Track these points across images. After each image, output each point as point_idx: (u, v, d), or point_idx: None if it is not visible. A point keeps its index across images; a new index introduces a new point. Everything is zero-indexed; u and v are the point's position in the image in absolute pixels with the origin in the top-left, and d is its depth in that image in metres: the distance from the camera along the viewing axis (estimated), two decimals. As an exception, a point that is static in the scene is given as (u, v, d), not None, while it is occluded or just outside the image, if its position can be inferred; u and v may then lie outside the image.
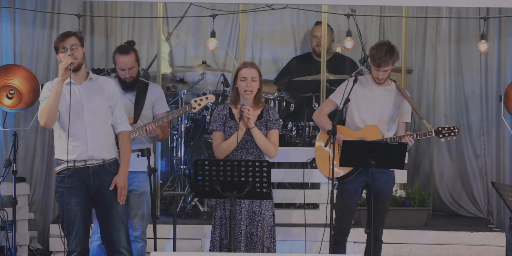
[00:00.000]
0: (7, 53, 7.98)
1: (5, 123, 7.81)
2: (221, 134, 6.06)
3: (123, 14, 8.70)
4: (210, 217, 7.66)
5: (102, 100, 5.78)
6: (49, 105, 5.60)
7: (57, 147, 5.79)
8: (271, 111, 6.10)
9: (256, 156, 6.01)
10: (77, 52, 5.69)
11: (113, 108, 5.83)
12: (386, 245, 6.95)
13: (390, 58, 6.21)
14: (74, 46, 5.69)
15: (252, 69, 6.02)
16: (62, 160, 5.72)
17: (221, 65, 9.10)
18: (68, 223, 5.71)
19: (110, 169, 5.78)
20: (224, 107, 6.13)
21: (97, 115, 5.74)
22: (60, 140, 5.74)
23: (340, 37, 8.80)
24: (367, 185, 6.25)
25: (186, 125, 8.22)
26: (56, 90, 5.59)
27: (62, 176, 5.72)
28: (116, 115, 5.84)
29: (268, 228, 5.97)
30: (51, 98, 5.59)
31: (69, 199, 5.68)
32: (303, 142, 8.11)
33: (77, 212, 5.69)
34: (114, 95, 5.85)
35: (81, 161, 5.70)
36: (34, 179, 8.14)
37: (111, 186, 5.74)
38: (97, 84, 5.82)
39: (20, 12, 8.00)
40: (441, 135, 6.33)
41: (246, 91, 6.00)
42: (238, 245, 5.90)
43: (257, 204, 5.96)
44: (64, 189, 5.69)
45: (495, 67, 8.35)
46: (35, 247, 7.87)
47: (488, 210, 8.43)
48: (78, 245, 5.70)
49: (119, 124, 5.85)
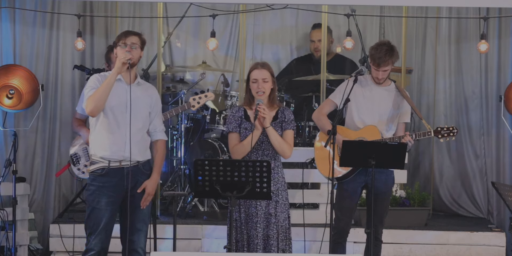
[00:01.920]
0: (7, 53, 7.98)
1: (5, 123, 7.81)
2: (237, 136, 6.04)
3: (123, 14, 8.70)
4: (210, 217, 7.70)
5: (145, 105, 5.79)
6: (99, 94, 5.58)
7: (93, 141, 5.77)
8: (286, 112, 6.08)
9: (271, 158, 6.00)
10: (135, 51, 5.70)
11: (153, 116, 5.85)
12: (386, 245, 6.95)
13: (390, 58, 6.21)
14: (134, 46, 5.70)
15: (263, 70, 6.00)
16: (96, 159, 5.72)
17: (221, 65, 9.11)
18: (94, 222, 5.69)
19: (144, 170, 5.79)
20: (239, 109, 6.11)
21: (138, 119, 5.74)
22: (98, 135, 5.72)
23: (340, 37, 8.81)
24: (367, 185, 6.26)
25: (186, 125, 8.22)
26: (109, 81, 5.58)
27: (96, 175, 5.71)
28: (155, 123, 5.87)
29: (283, 230, 5.98)
30: (103, 87, 5.57)
31: (99, 198, 5.68)
32: (303, 142, 8.11)
33: (106, 212, 5.68)
34: (157, 104, 5.88)
35: (116, 162, 5.70)
36: (34, 179, 8.15)
37: (140, 188, 5.74)
38: (143, 88, 5.83)
39: (20, 12, 8.00)
40: (440, 136, 6.33)
41: (258, 93, 5.98)
42: (255, 247, 5.90)
43: (273, 206, 5.96)
44: (96, 187, 5.69)
45: (495, 67, 8.35)
46: (35, 247, 7.87)
47: (488, 210, 8.43)
48: (97, 244, 5.69)
49: (157, 132, 5.88)
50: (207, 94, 6.55)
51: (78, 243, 7.25)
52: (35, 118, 7.86)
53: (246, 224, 5.93)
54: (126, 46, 5.67)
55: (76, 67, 8.02)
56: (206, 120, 8.13)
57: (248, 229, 5.93)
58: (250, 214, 5.93)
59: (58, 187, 8.30)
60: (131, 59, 5.63)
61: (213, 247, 7.44)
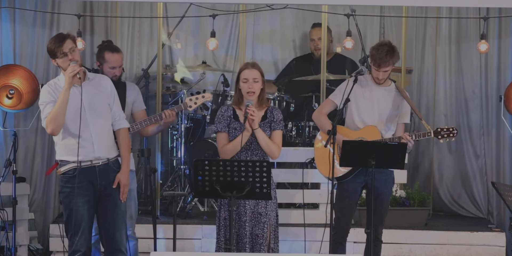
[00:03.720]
0: (7, 53, 7.98)
1: (5, 123, 7.81)
2: (226, 136, 6.03)
3: (123, 14, 8.70)
4: (210, 217, 7.70)
5: (102, 99, 5.75)
6: (56, 113, 5.54)
7: (60, 148, 5.73)
8: (275, 112, 6.07)
9: (261, 158, 6.00)
10: (75, 54, 5.64)
11: (111, 105, 5.80)
12: (386, 245, 6.95)
13: (391, 59, 6.21)
14: (72, 49, 5.63)
15: (254, 70, 5.99)
16: (66, 160, 5.70)
17: (221, 65, 9.11)
18: (75, 223, 5.66)
19: (114, 168, 5.77)
20: (228, 108, 6.09)
21: (99, 115, 5.71)
22: (64, 142, 5.69)
23: (340, 37, 8.81)
24: (367, 185, 6.25)
25: (186, 125, 8.22)
26: (63, 98, 5.53)
27: (68, 176, 5.69)
28: (115, 112, 5.82)
29: (272, 229, 5.97)
30: (58, 106, 5.54)
31: (76, 199, 5.66)
32: (303, 142, 8.11)
33: (84, 211, 5.67)
34: (112, 93, 5.82)
35: (87, 161, 5.69)
36: (34, 179, 8.15)
37: (115, 183, 5.72)
38: (95, 83, 5.78)
39: (20, 12, 8.00)
40: (440, 136, 6.33)
41: (248, 93, 5.96)
42: (243, 246, 5.89)
43: (263, 205, 5.95)
44: (70, 189, 5.67)
45: (495, 67, 8.35)
46: (35, 247, 7.87)
47: (488, 210, 8.43)
48: (83, 244, 5.68)
49: (117, 121, 5.83)
50: (205, 94, 6.54)
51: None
52: (35, 118, 7.86)
53: (235, 223, 5.92)
54: (66, 55, 5.59)
55: (76, 67, 8.01)
56: (206, 120, 8.13)
57: (237, 228, 5.92)
58: (239, 213, 5.92)
59: (58, 187, 8.28)
60: (79, 71, 5.55)
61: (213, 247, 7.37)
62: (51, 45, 5.63)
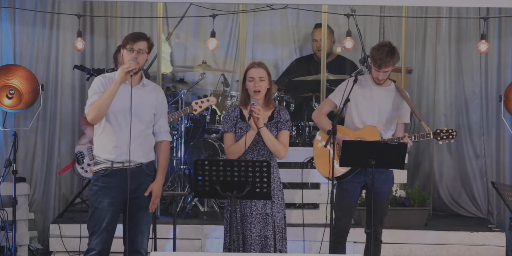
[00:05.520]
0: (7, 53, 7.98)
1: (5, 123, 7.81)
2: (232, 136, 6.01)
3: (123, 14, 8.71)
4: (210, 217, 7.70)
5: (148, 106, 5.74)
6: (100, 103, 5.54)
7: (97, 143, 5.74)
8: (282, 112, 6.05)
9: (267, 158, 5.98)
10: (141, 57, 5.65)
11: (157, 117, 5.79)
12: (386, 245, 6.95)
13: (391, 59, 6.20)
14: (141, 51, 5.65)
15: (260, 69, 5.97)
16: (100, 160, 5.70)
17: (221, 65, 9.11)
18: (96, 222, 5.65)
19: (148, 171, 5.75)
20: (234, 108, 6.07)
21: (141, 120, 5.70)
22: (101, 137, 5.69)
23: (340, 37, 8.80)
24: (366, 185, 6.25)
25: (186, 125, 8.22)
26: (111, 90, 5.54)
27: (99, 175, 5.69)
28: (160, 124, 5.81)
29: (279, 231, 5.96)
30: (105, 96, 5.54)
31: (102, 199, 5.65)
32: (303, 142, 8.11)
33: (108, 212, 5.65)
34: (161, 104, 5.81)
35: (119, 163, 5.67)
36: (34, 179, 8.15)
37: (147, 192, 5.71)
38: (147, 90, 5.77)
39: (20, 12, 8.01)
40: (439, 138, 6.32)
41: (254, 92, 5.95)
42: (249, 248, 5.89)
43: (269, 207, 5.95)
44: (98, 187, 5.66)
45: (495, 67, 8.35)
46: (35, 247, 7.87)
47: (488, 210, 8.43)
48: (99, 244, 5.65)
49: (162, 133, 5.83)
50: (209, 98, 6.64)
51: (78, 243, 7.24)
52: (35, 118, 7.87)
53: (242, 225, 5.93)
54: (133, 51, 5.63)
55: (76, 67, 8.02)
56: (206, 120, 8.13)
57: (243, 229, 5.92)
58: (245, 214, 5.92)
59: (58, 187, 8.30)
60: (135, 69, 5.57)
61: (213, 247, 7.44)
62: (128, 36, 5.70)
